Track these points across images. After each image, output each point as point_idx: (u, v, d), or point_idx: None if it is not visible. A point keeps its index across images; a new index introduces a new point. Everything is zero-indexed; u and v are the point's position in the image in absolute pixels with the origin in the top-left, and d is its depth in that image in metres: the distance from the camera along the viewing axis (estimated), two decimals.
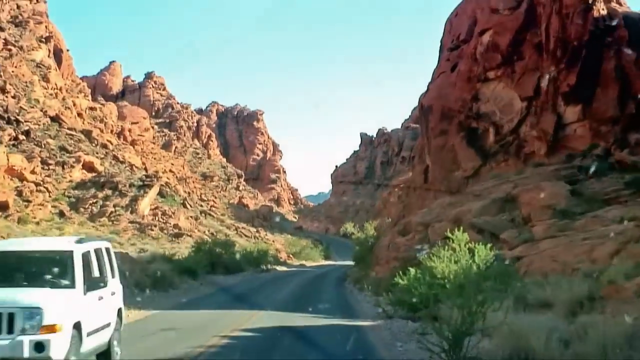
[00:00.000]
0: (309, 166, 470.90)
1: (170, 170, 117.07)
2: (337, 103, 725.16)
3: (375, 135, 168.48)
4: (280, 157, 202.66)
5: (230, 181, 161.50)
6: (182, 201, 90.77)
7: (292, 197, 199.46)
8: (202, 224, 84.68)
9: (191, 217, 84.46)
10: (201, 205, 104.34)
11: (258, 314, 21.70)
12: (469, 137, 41.05)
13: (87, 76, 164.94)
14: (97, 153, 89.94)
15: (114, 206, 76.51)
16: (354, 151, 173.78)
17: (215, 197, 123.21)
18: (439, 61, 48.01)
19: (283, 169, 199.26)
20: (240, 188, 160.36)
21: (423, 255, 31.84)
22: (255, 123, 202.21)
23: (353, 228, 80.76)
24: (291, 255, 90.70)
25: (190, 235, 74.56)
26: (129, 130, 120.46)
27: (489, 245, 21.57)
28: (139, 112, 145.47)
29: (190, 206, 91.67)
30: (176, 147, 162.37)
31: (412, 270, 21.05)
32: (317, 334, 17.07)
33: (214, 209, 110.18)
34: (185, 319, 20.43)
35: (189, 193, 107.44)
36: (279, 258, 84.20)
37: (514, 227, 30.00)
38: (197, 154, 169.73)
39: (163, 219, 78.44)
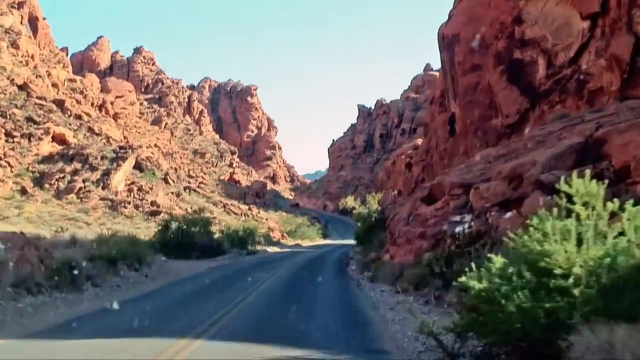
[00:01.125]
0: (306, 145, 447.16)
1: (155, 145, 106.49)
2: (333, 76, 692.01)
3: (373, 107, 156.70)
4: (276, 133, 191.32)
5: (223, 158, 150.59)
6: (163, 176, 79.83)
7: (288, 174, 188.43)
8: (185, 200, 73.57)
9: (172, 193, 73.47)
10: (188, 182, 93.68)
11: (183, 353, 10.63)
12: (510, 71, 29.80)
13: (71, 52, 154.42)
14: (69, 124, 78.94)
15: (84, 181, 65.64)
16: (352, 124, 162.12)
17: (205, 173, 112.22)
18: None
19: (279, 145, 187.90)
20: (234, 165, 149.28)
21: (463, 229, 21.03)
22: (249, 98, 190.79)
23: (354, 202, 69.87)
24: (285, 235, 79.94)
25: (170, 213, 63.69)
26: (111, 103, 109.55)
27: None
28: (125, 86, 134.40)
29: (173, 182, 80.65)
30: (166, 124, 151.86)
31: (498, 260, 9.94)
32: None
33: (202, 185, 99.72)
34: None
35: (175, 169, 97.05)
36: (272, 237, 73.86)
37: (604, 184, 19.03)
38: (189, 130, 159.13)
39: (139, 195, 67.49)
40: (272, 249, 62.69)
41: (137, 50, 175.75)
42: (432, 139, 33.25)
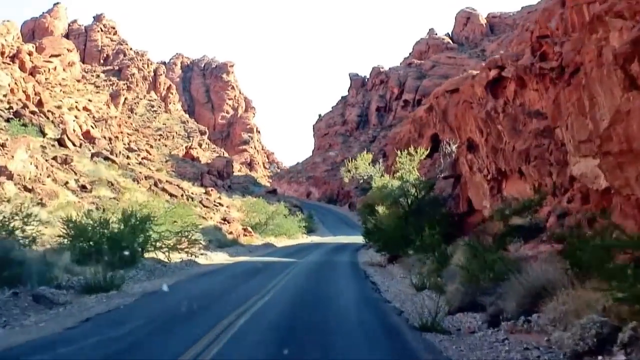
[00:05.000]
0: (289, 133, 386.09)
1: (85, 108, 72.58)
2: (319, 44, 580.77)
3: (368, 76, 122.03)
4: (254, 114, 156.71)
5: (191, 139, 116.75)
6: (59, 135, 46.21)
7: (267, 160, 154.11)
8: (75, 170, 39.40)
9: (54, 158, 39.33)
10: (128, 157, 60.69)
11: None
12: None
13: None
14: None
15: None
16: (342, 97, 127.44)
17: (152, 147, 78.52)
18: None
19: (257, 128, 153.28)
20: (203, 147, 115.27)
21: None
22: (224, 76, 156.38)
23: (369, 168, 36.20)
24: (250, 230, 46.59)
25: (32, 189, 30.70)
26: (29, 54, 75.34)
27: None
28: (63, 43, 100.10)
29: (74, 145, 46.88)
30: (126, 99, 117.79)
31: None
32: None
33: (146, 160, 66.56)
34: None
35: (110, 139, 63.86)
36: (226, 234, 41.07)
37: None
38: (152, 106, 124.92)
39: None
40: (212, 258, 29.99)
41: (97, 18, 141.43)
42: None
